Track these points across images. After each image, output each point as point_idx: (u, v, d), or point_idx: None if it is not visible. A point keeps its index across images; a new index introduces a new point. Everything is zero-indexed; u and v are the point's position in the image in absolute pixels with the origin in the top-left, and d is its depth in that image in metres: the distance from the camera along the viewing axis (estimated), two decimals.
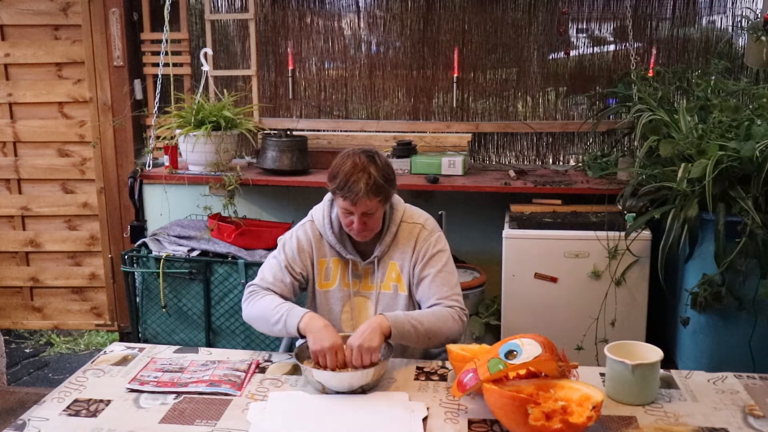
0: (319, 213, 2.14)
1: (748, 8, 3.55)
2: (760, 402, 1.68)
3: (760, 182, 2.58)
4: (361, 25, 3.86)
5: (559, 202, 3.29)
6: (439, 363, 1.93)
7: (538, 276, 3.04)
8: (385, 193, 1.99)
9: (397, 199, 2.13)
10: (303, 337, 1.90)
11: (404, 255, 2.09)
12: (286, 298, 2.06)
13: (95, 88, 3.78)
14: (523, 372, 1.61)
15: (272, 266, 2.12)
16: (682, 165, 2.67)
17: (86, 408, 1.68)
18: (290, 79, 3.84)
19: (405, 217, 2.12)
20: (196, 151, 3.36)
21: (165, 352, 2.01)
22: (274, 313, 1.95)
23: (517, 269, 3.05)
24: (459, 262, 3.50)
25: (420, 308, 2.07)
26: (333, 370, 1.78)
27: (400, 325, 1.89)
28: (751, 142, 2.59)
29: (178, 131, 3.37)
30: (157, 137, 3.62)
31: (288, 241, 2.14)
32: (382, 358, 1.85)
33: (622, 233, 2.92)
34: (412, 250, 2.08)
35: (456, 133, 3.78)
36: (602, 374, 1.80)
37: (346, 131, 3.88)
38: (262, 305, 2.00)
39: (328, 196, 2.12)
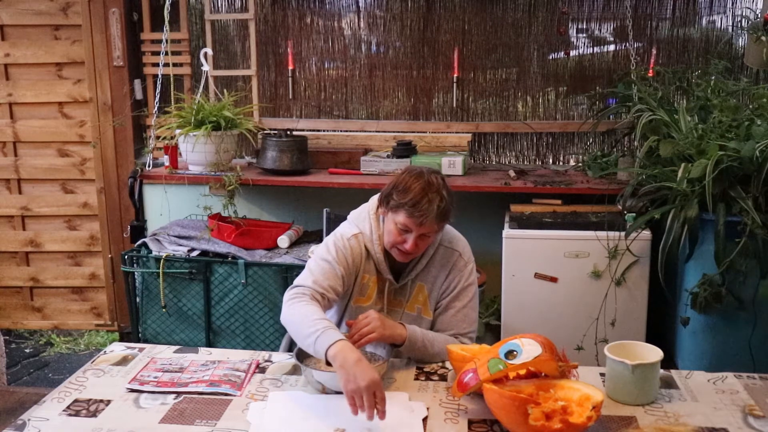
0: (365, 226, 2.03)
1: (748, 8, 3.55)
2: (760, 402, 1.68)
3: (760, 182, 2.58)
4: (361, 25, 3.86)
5: (559, 202, 3.29)
6: (439, 363, 1.93)
7: (538, 276, 3.04)
8: (448, 219, 1.96)
9: None
10: (329, 363, 1.71)
11: (436, 279, 2.05)
12: (329, 308, 1.96)
13: (95, 88, 3.78)
14: (523, 372, 1.61)
15: (326, 271, 1.94)
16: (682, 165, 2.67)
17: (86, 408, 1.68)
18: (290, 79, 3.84)
19: (444, 240, 2.06)
20: (196, 151, 3.36)
21: (165, 352, 2.01)
22: (310, 326, 1.75)
23: (517, 269, 3.05)
24: None
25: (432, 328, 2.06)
26: (371, 410, 1.58)
27: (413, 343, 1.90)
28: (751, 142, 2.59)
29: (178, 131, 3.37)
30: (157, 137, 3.62)
31: (342, 249, 1.98)
32: (383, 359, 1.85)
33: (622, 233, 2.92)
34: (445, 277, 2.04)
35: (456, 133, 3.77)
36: (602, 374, 1.80)
37: (346, 131, 3.88)
38: (304, 312, 1.81)
39: (372, 208, 2.04)
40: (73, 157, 3.90)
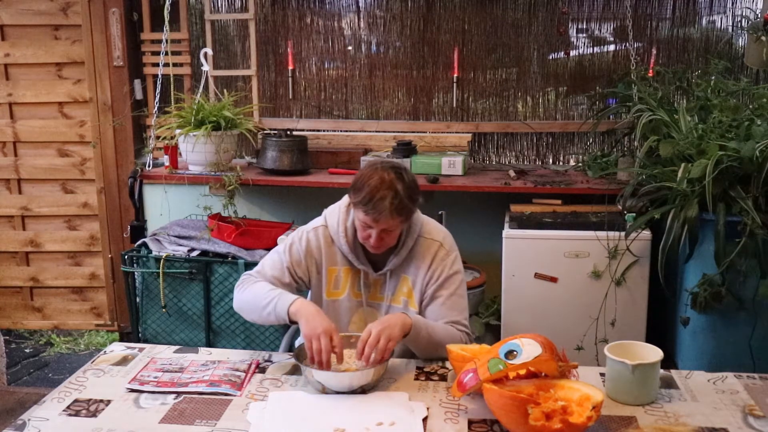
0: (333, 218, 2.07)
1: (748, 8, 3.55)
2: (760, 402, 1.68)
3: (760, 182, 2.58)
4: (361, 25, 3.86)
5: (559, 202, 3.29)
6: (439, 363, 1.93)
7: (538, 276, 3.04)
8: (408, 212, 1.95)
9: (416, 212, 2.06)
10: (293, 322, 1.88)
11: (418, 271, 2.04)
12: None
13: (95, 88, 3.78)
14: (523, 372, 1.61)
15: (274, 262, 2.07)
16: (682, 165, 2.67)
17: (86, 408, 1.68)
18: (290, 79, 3.84)
19: (423, 232, 2.06)
20: (196, 151, 3.36)
21: (165, 352, 2.01)
22: (265, 297, 1.92)
23: (517, 269, 3.05)
24: None
25: None
26: (326, 353, 1.76)
27: (418, 329, 1.89)
28: (751, 142, 2.59)
29: (178, 131, 3.37)
30: (157, 137, 3.62)
31: (296, 242, 2.07)
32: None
33: (622, 233, 2.92)
34: (428, 268, 2.04)
35: (456, 133, 3.78)
36: (602, 374, 1.80)
37: (346, 131, 3.88)
38: (254, 290, 1.97)
39: (345, 201, 2.07)
40: (73, 157, 3.90)
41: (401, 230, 2.00)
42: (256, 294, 1.96)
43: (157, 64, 3.60)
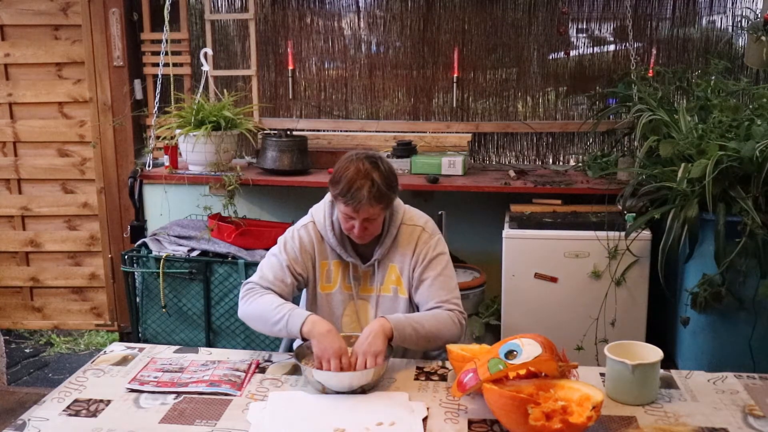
0: (320, 214, 2.11)
1: (748, 8, 3.55)
2: (760, 402, 1.68)
3: (760, 182, 2.58)
4: (361, 25, 3.86)
5: (559, 202, 3.29)
6: (439, 363, 1.93)
7: (538, 276, 3.04)
8: (388, 199, 1.98)
9: (397, 201, 2.10)
10: (304, 339, 1.89)
11: (404, 258, 2.07)
12: (284, 299, 2.04)
13: (95, 88, 3.78)
14: (523, 372, 1.61)
15: (273, 265, 2.08)
16: (682, 165, 2.67)
17: (86, 408, 1.68)
18: (290, 79, 3.84)
19: (405, 219, 2.10)
20: (196, 151, 3.36)
21: (165, 352, 2.01)
22: (275, 313, 1.92)
23: (517, 269, 3.05)
24: (459, 262, 3.50)
25: (419, 311, 2.07)
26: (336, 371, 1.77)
27: (402, 328, 1.88)
28: (751, 142, 2.59)
29: (178, 131, 3.37)
30: (157, 137, 3.62)
31: (290, 240, 2.10)
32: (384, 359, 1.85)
33: (622, 233, 2.92)
34: (412, 253, 2.07)
35: (456, 133, 3.78)
36: (602, 374, 1.80)
37: (346, 131, 3.88)
38: (262, 304, 1.98)
39: (329, 196, 2.10)
40: (73, 157, 3.90)
41: (384, 218, 2.04)
42: (264, 309, 1.96)
43: (157, 64, 3.60)
